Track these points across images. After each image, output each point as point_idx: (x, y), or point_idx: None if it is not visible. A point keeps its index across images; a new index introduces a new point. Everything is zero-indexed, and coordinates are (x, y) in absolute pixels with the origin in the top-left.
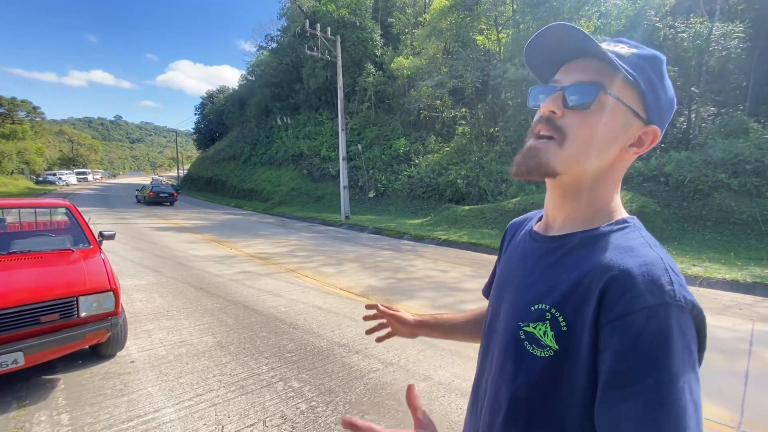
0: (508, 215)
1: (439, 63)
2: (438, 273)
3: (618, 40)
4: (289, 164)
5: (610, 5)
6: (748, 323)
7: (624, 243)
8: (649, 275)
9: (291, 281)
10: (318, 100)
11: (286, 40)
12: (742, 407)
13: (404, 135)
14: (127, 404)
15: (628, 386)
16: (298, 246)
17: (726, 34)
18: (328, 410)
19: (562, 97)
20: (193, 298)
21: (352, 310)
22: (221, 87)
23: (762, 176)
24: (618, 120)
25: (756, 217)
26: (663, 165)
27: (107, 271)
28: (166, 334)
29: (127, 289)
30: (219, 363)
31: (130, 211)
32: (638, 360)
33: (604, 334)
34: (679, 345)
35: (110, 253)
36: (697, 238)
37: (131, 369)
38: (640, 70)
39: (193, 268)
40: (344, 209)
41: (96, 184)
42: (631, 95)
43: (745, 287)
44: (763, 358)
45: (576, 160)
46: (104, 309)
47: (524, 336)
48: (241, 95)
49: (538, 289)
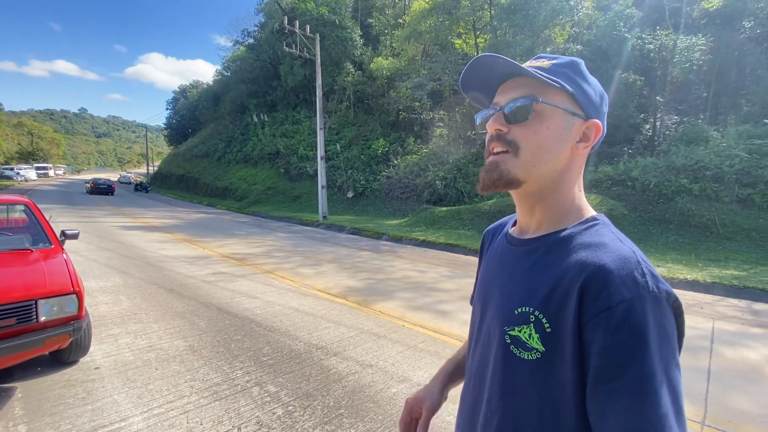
0: (484, 216)
1: (418, 65)
2: (416, 273)
3: (538, 57)
4: (266, 162)
5: (582, 15)
6: (709, 321)
7: (596, 240)
8: (624, 269)
9: (267, 282)
10: (296, 98)
11: (264, 36)
12: (706, 402)
13: (383, 135)
14: (91, 413)
15: (611, 381)
16: (274, 246)
17: (689, 47)
18: (306, 415)
19: (503, 116)
20: (164, 301)
21: (330, 312)
22: (195, 82)
23: (720, 182)
24: (558, 122)
25: (714, 220)
26: (630, 170)
27: (70, 272)
28: (134, 339)
29: (91, 291)
30: (191, 368)
31: (94, 209)
32: (618, 354)
33: (587, 330)
34: (656, 335)
35: (73, 253)
36: (662, 240)
37: (95, 376)
38: (562, 76)
39: (164, 269)
40: (322, 209)
41: (58, 179)
42: (562, 98)
43: (705, 287)
44: (723, 355)
45: (533, 165)
46: (66, 312)
47: (510, 340)
48: (215, 91)
49: (520, 293)
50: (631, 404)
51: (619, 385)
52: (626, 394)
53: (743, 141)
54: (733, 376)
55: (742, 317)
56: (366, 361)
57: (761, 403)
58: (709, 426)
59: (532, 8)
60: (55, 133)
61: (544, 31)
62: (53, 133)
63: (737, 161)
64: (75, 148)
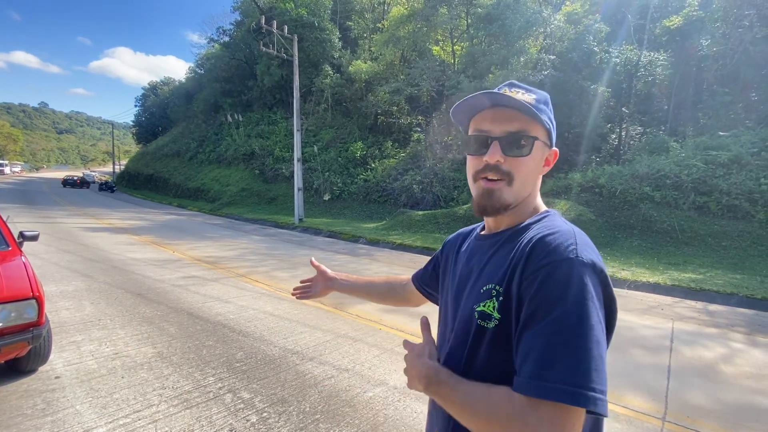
0: (459, 220)
1: (397, 70)
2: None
3: (512, 85)
4: (240, 163)
5: (554, 27)
6: (669, 322)
7: (546, 224)
8: (559, 239)
9: (240, 286)
10: (272, 99)
11: (240, 35)
12: (666, 399)
13: (361, 139)
14: (51, 425)
15: (537, 323)
16: (248, 249)
17: (652, 62)
18: (281, 421)
19: (499, 147)
20: (130, 306)
21: (306, 316)
22: (166, 78)
23: (679, 190)
24: (539, 154)
25: (674, 226)
26: (598, 177)
27: (29, 275)
28: (98, 346)
29: (51, 296)
30: (160, 375)
31: (55, 209)
32: (545, 300)
33: (522, 288)
34: (579, 286)
35: (32, 256)
36: (626, 245)
37: (56, 385)
38: (544, 113)
39: (131, 273)
40: (298, 212)
41: (14, 177)
42: (544, 133)
43: (665, 289)
44: (682, 353)
45: (521, 192)
46: (25, 319)
47: (478, 316)
48: (188, 89)
49: (486, 274)
50: (554, 337)
51: (544, 324)
52: (549, 329)
53: (700, 152)
54: (690, 374)
55: (699, 318)
56: (342, 365)
57: (716, 399)
58: (669, 422)
59: (508, 18)
60: (12, 128)
61: (519, 42)
62: (10, 128)
63: (694, 171)
64: (34, 144)
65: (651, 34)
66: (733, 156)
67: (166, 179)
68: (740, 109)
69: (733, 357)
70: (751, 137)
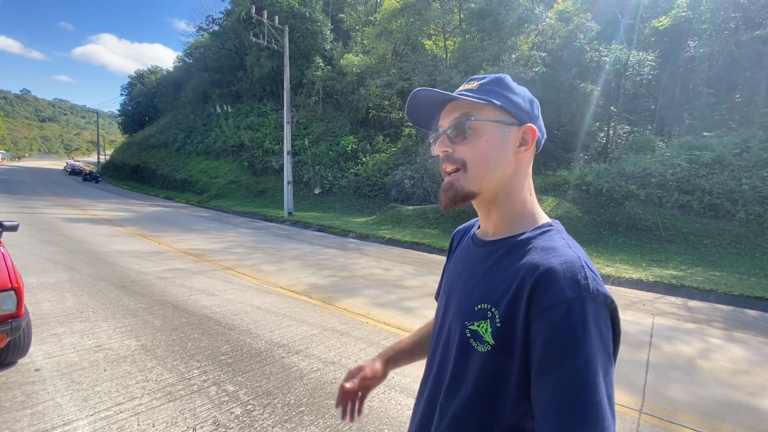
0: (449, 216)
1: (389, 64)
2: (381, 271)
3: (470, 80)
4: (229, 155)
5: (546, 25)
6: (650, 317)
7: (548, 245)
8: (569, 272)
9: (227, 279)
10: (262, 90)
11: (230, 24)
12: (644, 392)
13: (352, 132)
14: (31, 417)
15: (548, 373)
16: (235, 242)
17: (640, 62)
18: (265, 413)
19: (447, 137)
20: (114, 298)
21: (293, 309)
22: (153, 67)
23: (663, 188)
24: (495, 134)
25: (658, 224)
26: (585, 175)
27: (8, 266)
28: (80, 338)
29: (32, 288)
30: (143, 368)
31: (36, 199)
32: (557, 349)
33: (533, 326)
34: (593, 333)
35: (12, 246)
36: (611, 242)
37: (36, 378)
38: (488, 93)
39: (115, 265)
40: (288, 205)
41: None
42: (494, 112)
43: (647, 285)
44: (661, 348)
45: (482, 176)
46: (3, 310)
47: (470, 334)
48: (176, 78)
49: (480, 291)
50: (569, 391)
51: (559, 375)
52: (564, 382)
53: (684, 151)
54: (669, 368)
55: (679, 313)
56: (328, 358)
57: (693, 393)
58: (646, 413)
59: (500, 14)
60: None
61: (511, 38)
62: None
63: (678, 170)
64: (15, 132)
65: (640, 34)
66: (716, 156)
67: (152, 170)
68: (724, 110)
69: (711, 352)
70: (734, 138)
